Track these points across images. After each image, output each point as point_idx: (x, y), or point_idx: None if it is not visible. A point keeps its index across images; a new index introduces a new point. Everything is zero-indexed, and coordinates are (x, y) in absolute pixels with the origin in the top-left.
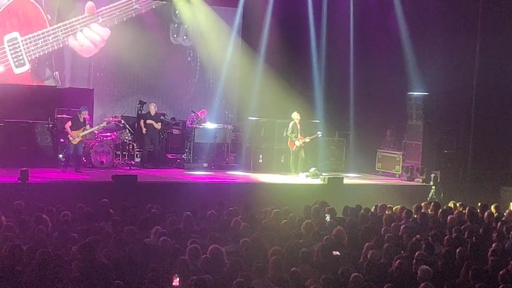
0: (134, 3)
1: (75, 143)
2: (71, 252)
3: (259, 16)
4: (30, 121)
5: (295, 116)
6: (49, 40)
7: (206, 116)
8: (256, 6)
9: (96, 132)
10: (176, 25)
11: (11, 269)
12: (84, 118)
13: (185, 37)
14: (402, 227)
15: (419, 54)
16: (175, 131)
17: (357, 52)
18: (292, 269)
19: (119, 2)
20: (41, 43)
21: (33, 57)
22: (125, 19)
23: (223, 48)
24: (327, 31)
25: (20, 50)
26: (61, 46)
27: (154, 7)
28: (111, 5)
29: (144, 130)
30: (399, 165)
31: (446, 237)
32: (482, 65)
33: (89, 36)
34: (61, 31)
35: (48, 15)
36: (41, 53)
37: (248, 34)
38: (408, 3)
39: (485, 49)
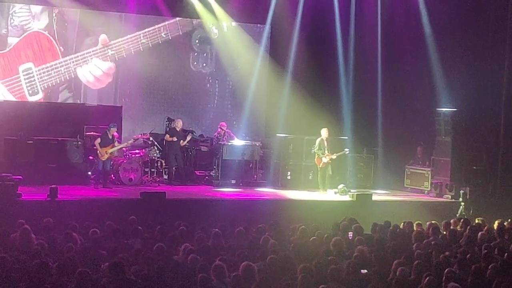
0: (141, 37)
1: (104, 159)
2: (100, 269)
3: (286, 33)
4: (59, 139)
5: (323, 133)
6: (61, 71)
7: (227, 128)
8: (283, 23)
9: (124, 149)
10: (196, 54)
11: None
12: (112, 135)
13: (204, 65)
14: (431, 244)
15: (447, 70)
16: (203, 148)
17: (385, 68)
18: (321, 287)
19: (127, 36)
20: (54, 73)
21: (46, 86)
22: (133, 52)
23: (251, 64)
24: (354, 47)
25: (34, 80)
26: (73, 76)
27: (160, 42)
28: (120, 39)
29: (173, 139)
30: (428, 182)
31: (476, 254)
32: (511, 80)
33: (92, 71)
34: (72, 62)
35: (61, 47)
36: (54, 83)
37: (276, 51)
38: (436, 19)
39: None
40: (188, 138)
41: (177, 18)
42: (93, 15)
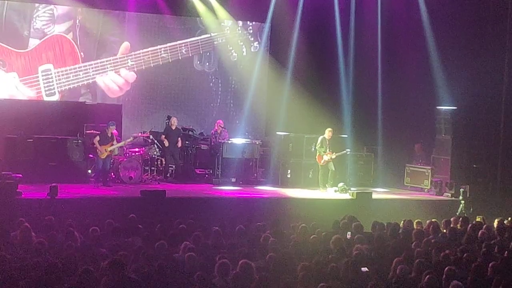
0: (162, 52)
1: (103, 157)
2: (100, 268)
3: (287, 31)
4: (60, 137)
5: (327, 131)
6: (80, 75)
7: (222, 125)
8: (284, 21)
9: (124, 147)
10: (200, 53)
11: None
12: (112, 133)
13: (207, 64)
14: (431, 242)
15: (447, 68)
16: (203, 147)
17: (385, 66)
18: (321, 285)
19: (149, 49)
20: (72, 77)
21: (63, 88)
22: (152, 65)
23: (251, 63)
24: (354, 46)
25: (52, 81)
26: (90, 82)
27: (180, 58)
28: (141, 51)
29: (166, 143)
30: (428, 180)
31: (476, 252)
32: (511, 79)
33: (114, 79)
34: (92, 68)
35: (81, 53)
36: (71, 86)
37: (276, 49)
38: (436, 18)
39: None
40: (179, 143)
41: (200, 37)
42: (113, 24)
